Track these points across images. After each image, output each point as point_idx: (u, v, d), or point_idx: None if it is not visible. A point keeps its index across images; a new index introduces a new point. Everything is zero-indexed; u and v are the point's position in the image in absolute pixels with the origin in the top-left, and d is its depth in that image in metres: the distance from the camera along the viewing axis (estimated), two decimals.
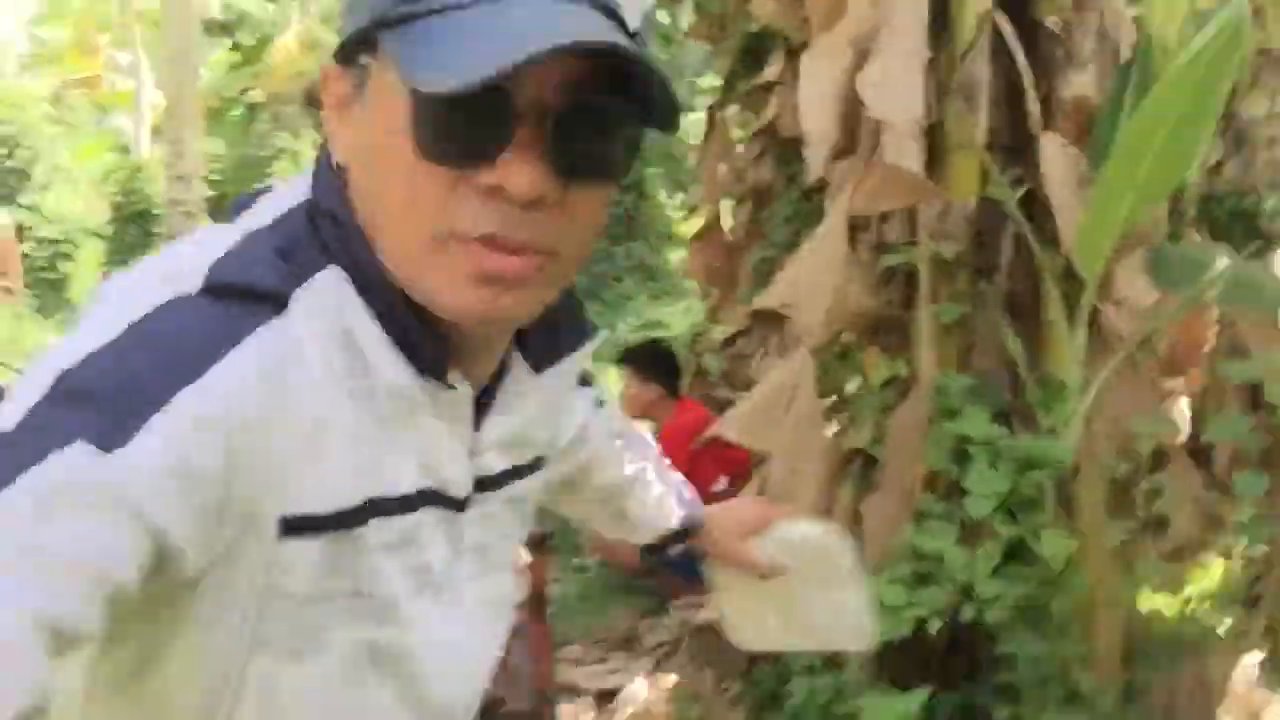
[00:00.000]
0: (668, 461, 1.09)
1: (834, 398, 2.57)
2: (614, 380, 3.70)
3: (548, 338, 0.72)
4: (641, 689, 2.61)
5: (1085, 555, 2.20)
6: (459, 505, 0.68)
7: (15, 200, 10.61)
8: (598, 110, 0.58)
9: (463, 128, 0.57)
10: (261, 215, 0.64)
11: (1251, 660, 2.81)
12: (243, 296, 0.58)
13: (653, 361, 3.38)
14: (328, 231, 0.63)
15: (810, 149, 2.04)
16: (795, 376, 2.20)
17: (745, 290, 2.94)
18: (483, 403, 0.68)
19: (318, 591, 0.61)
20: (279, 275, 0.60)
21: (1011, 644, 2.13)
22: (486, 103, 0.56)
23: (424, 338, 0.62)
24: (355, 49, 0.61)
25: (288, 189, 0.66)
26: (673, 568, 2.79)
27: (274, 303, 0.59)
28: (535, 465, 0.77)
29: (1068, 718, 2.14)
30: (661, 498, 1.04)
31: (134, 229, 10.13)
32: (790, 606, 1.09)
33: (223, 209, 0.68)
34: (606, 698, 2.70)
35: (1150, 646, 2.38)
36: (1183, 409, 3.38)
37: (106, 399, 0.51)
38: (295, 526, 0.59)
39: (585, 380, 0.92)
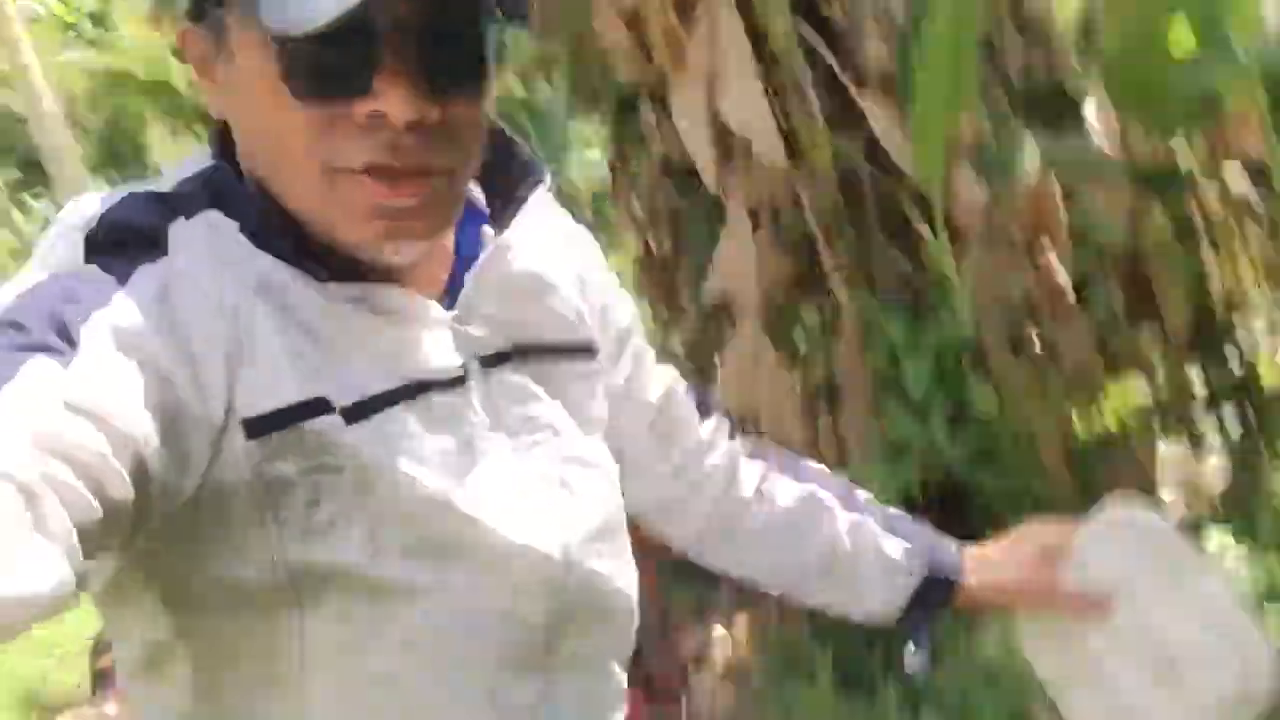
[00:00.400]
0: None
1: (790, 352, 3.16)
2: None
3: (503, 194, 0.71)
4: (724, 638, 3.12)
5: (1008, 398, 2.81)
6: (456, 382, 0.66)
7: None
8: (458, 20, 0.59)
9: (332, 63, 0.57)
10: (157, 182, 0.65)
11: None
12: (118, 241, 0.58)
13: None
14: (221, 184, 0.63)
15: (702, 170, 2.65)
16: (753, 342, 2.78)
17: (690, 295, 3.52)
18: (457, 279, 0.69)
19: (314, 467, 0.60)
20: (151, 215, 0.60)
21: (975, 481, 2.72)
22: (351, 34, 0.56)
23: (328, 252, 0.62)
24: (204, 3, 0.63)
25: (189, 160, 0.67)
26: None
27: (150, 241, 0.59)
28: (574, 350, 0.74)
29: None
30: (864, 537, 0.86)
31: None
32: (1145, 639, 0.80)
33: None
34: (699, 661, 3.21)
35: (1089, 451, 2.98)
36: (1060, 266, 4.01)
37: (36, 325, 0.52)
38: (258, 425, 0.59)
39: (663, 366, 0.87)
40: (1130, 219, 3.02)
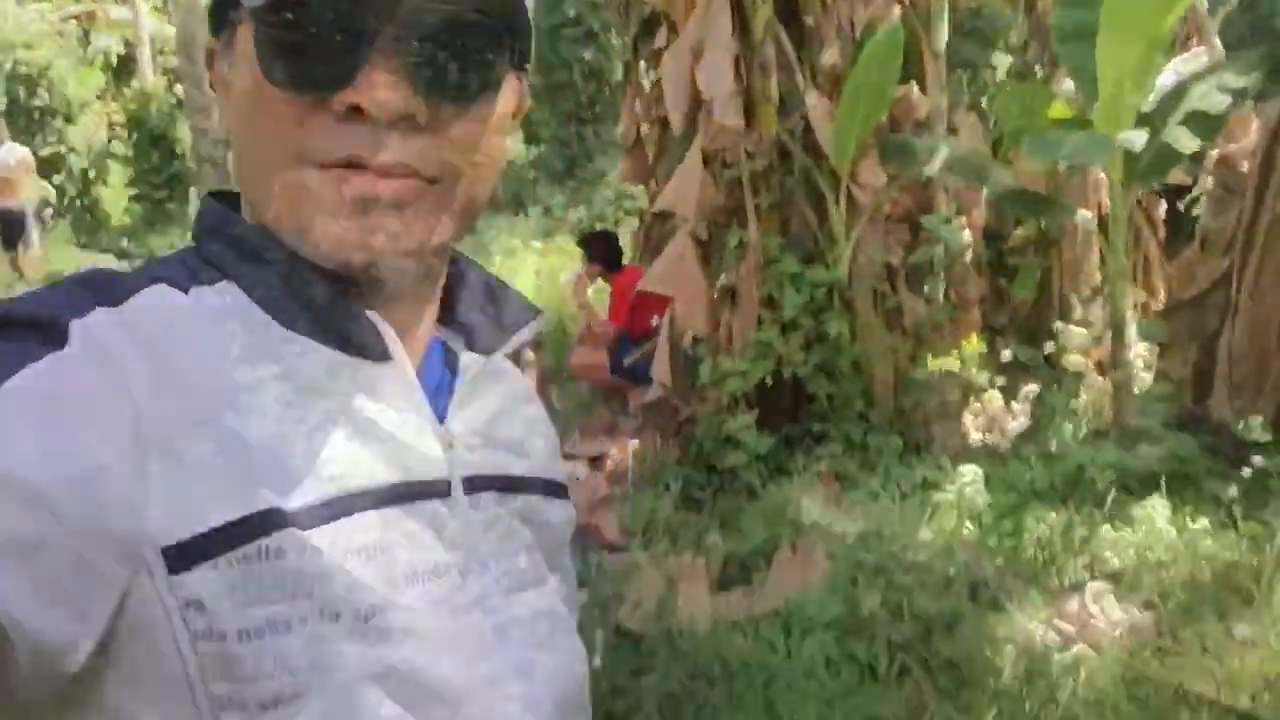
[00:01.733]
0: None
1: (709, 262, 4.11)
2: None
3: (489, 318, 0.65)
4: (616, 452, 4.24)
5: (860, 334, 3.79)
6: (440, 491, 0.57)
7: (45, 135, 11.74)
8: (457, 23, 0.54)
9: (312, 50, 0.52)
10: None
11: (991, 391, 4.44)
12: (16, 327, 0.50)
13: (592, 246, 5.05)
14: (211, 236, 0.58)
15: (672, 115, 3.52)
16: (683, 248, 3.74)
17: (660, 188, 4.41)
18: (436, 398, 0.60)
19: (258, 623, 0.49)
20: (58, 305, 0.52)
21: (815, 388, 3.76)
22: (336, 24, 0.52)
23: (326, 295, 0.55)
24: (222, 10, 0.58)
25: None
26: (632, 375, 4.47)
27: (40, 330, 0.50)
28: (550, 489, 0.67)
29: (855, 426, 3.79)
30: None
31: (157, 153, 11.45)
32: None
33: None
34: (596, 461, 4.34)
35: (912, 383, 3.99)
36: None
37: None
38: (183, 557, 0.48)
39: None
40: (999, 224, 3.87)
